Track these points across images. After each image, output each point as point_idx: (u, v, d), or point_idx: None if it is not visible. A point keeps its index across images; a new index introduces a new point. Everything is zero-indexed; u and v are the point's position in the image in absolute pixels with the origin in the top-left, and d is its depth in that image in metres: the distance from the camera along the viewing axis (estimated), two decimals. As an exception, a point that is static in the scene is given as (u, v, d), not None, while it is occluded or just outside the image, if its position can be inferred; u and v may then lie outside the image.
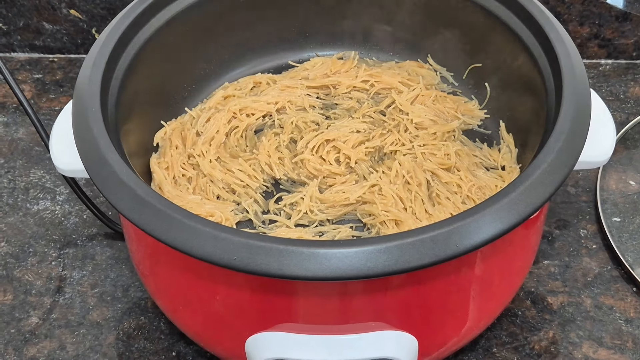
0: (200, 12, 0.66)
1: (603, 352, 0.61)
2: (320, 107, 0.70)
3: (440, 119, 0.67)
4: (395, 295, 0.49)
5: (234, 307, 0.51)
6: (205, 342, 0.57)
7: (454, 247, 0.45)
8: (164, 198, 0.48)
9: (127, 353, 0.62)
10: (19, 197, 0.73)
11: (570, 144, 0.50)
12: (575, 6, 0.81)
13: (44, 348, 0.62)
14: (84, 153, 0.51)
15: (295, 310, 0.49)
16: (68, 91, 0.84)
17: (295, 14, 0.73)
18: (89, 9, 0.84)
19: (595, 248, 0.68)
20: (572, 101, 0.53)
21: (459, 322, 0.54)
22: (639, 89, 0.82)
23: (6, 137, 0.79)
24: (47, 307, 0.65)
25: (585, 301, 0.64)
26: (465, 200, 0.61)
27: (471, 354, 0.61)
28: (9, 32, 0.86)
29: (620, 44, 0.84)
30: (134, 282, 0.66)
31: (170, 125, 0.67)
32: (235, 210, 0.62)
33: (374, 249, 0.44)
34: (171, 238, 0.46)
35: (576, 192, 0.72)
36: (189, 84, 0.70)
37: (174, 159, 0.64)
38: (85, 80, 0.55)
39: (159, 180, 0.63)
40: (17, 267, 0.67)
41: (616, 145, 0.72)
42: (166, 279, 0.55)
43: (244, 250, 0.44)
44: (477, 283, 0.52)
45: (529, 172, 0.48)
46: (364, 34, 0.74)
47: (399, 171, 0.62)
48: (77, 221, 0.71)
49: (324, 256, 0.44)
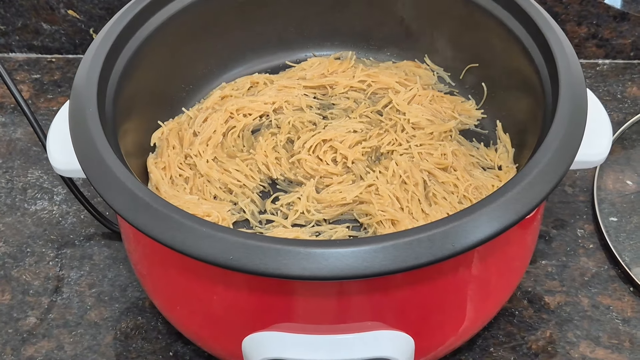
0: (198, 12, 0.66)
1: (600, 352, 0.61)
2: (318, 107, 0.70)
3: (437, 119, 0.67)
4: (392, 294, 0.49)
5: (231, 306, 0.51)
6: (203, 341, 0.57)
7: (451, 246, 0.45)
8: (161, 198, 0.48)
9: (124, 353, 0.62)
10: (17, 197, 0.73)
11: (567, 143, 0.50)
12: (573, 6, 0.81)
13: (42, 348, 0.62)
14: (81, 153, 0.51)
15: (292, 310, 0.49)
16: (66, 91, 0.84)
17: (292, 14, 0.72)
18: (87, 9, 0.84)
19: (592, 248, 0.68)
20: (568, 101, 0.53)
21: (455, 321, 0.54)
22: (637, 89, 0.82)
23: (4, 137, 0.79)
24: (44, 307, 0.65)
25: (582, 301, 0.64)
26: (462, 200, 0.61)
27: (468, 353, 0.61)
28: (7, 33, 0.86)
29: (618, 44, 0.84)
30: (132, 282, 0.66)
31: (168, 125, 0.67)
32: (232, 210, 0.62)
33: (371, 248, 0.44)
34: (168, 238, 0.46)
35: (573, 192, 0.72)
36: (186, 84, 0.70)
37: (171, 159, 0.64)
38: (82, 81, 0.55)
39: (156, 180, 0.63)
40: (14, 267, 0.67)
41: (613, 145, 0.72)
42: (163, 279, 0.55)
43: (240, 250, 0.44)
44: (474, 283, 0.52)
45: (525, 171, 0.48)
46: (361, 34, 0.74)
47: (395, 171, 0.62)
48: (74, 221, 0.71)
49: (321, 256, 0.44)
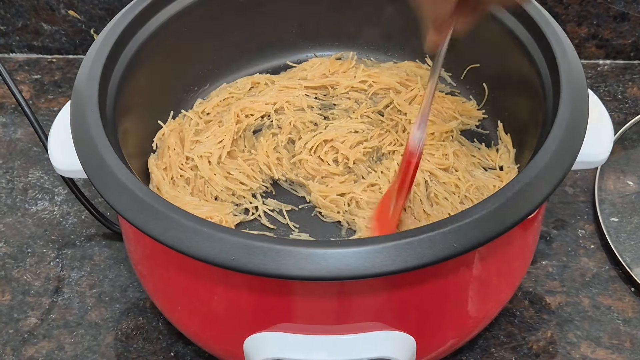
0: (199, 12, 0.66)
1: (601, 352, 0.61)
2: (319, 107, 0.70)
3: (439, 119, 0.67)
4: (393, 295, 0.49)
5: (232, 307, 0.51)
6: (204, 342, 0.57)
7: (452, 247, 0.45)
8: (162, 198, 0.48)
9: (125, 353, 0.62)
10: (18, 198, 0.73)
11: (568, 144, 0.50)
12: (574, 7, 0.81)
13: (42, 348, 0.62)
14: (82, 154, 0.51)
15: (293, 311, 0.49)
16: (66, 92, 0.84)
17: (293, 15, 0.73)
18: (88, 10, 0.84)
19: (593, 248, 0.68)
20: (569, 101, 0.53)
21: (456, 322, 0.54)
22: (637, 89, 0.82)
23: (4, 137, 0.79)
24: (45, 307, 0.65)
25: (583, 301, 0.64)
26: (463, 201, 0.61)
27: (469, 353, 0.61)
28: (7, 33, 0.86)
29: (619, 44, 0.84)
30: (132, 282, 0.66)
31: (169, 126, 0.67)
32: (233, 211, 0.62)
33: (372, 249, 0.44)
34: (169, 238, 0.46)
35: (574, 192, 0.72)
36: (187, 84, 0.70)
37: (172, 160, 0.64)
38: (83, 81, 0.55)
39: (157, 180, 0.63)
40: (15, 268, 0.67)
41: (614, 145, 0.72)
42: (164, 279, 0.55)
43: (241, 251, 0.44)
44: (475, 283, 0.52)
45: (526, 172, 0.48)
46: (362, 35, 0.74)
47: (397, 171, 0.62)
48: (75, 222, 0.71)
49: (322, 256, 0.44)
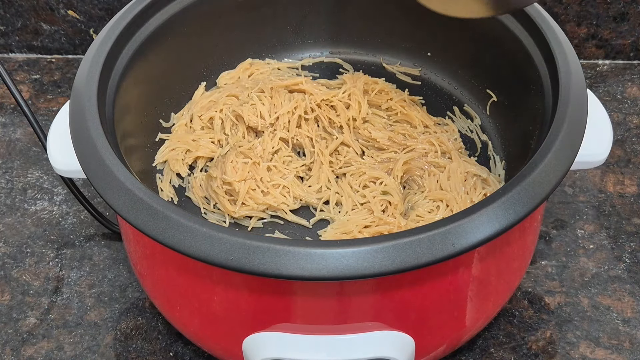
0: (198, 13, 0.66)
1: (600, 352, 0.61)
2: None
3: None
4: (392, 295, 0.49)
5: (231, 307, 0.51)
6: (203, 342, 0.57)
7: (451, 247, 0.45)
8: (161, 198, 0.48)
9: (124, 353, 0.62)
10: (17, 198, 0.73)
11: (567, 144, 0.50)
12: (573, 7, 0.81)
13: (42, 348, 0.62)
14: (81, 154, 0.51)
15: (292, 311, 0.49)
16: (66, 92, 0.84)
17: (292, 15, 0.73)
18: (87, 10, 0.84)
19: (592, 248, 0.68)
20: (568, 102, 0.53)
21: (456, 322, 0.54)
22: (637, 90, 0.82)
23: (4, 137, 0.79)
24: (44, 307, 0.65)
25: (582, 301, 0.64)
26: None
27: (468, 354, 0.61)
28: (7, 33, 0.86)
29: (618, 44, 0.84)
30: (132, 282, 0.66)
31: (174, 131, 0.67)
32: None
33: (371, 249, 0.44)
34: (168, 238, 0.46)
35: (573, 192, 0.72)
36: (186, 84, 0.70)
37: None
38: (82, 81, 0.55)
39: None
40: (14, 268, 0.67)
41: (613, 145, 0.72)
42: (163, 279, 0.54)
43: (240, 250, 0.44)
44: (474, 283, 0.52)
45: (525, 172, 0.48)
46: (362, 36, 0.74)
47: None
48: (74, 222, 0.71)
49: (321, 256, 0.44)
